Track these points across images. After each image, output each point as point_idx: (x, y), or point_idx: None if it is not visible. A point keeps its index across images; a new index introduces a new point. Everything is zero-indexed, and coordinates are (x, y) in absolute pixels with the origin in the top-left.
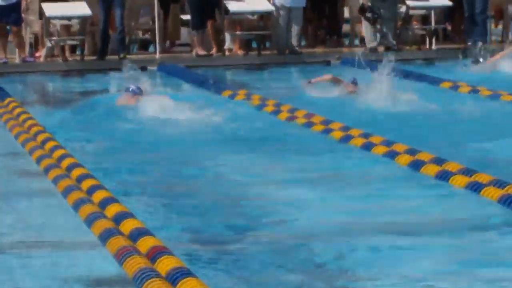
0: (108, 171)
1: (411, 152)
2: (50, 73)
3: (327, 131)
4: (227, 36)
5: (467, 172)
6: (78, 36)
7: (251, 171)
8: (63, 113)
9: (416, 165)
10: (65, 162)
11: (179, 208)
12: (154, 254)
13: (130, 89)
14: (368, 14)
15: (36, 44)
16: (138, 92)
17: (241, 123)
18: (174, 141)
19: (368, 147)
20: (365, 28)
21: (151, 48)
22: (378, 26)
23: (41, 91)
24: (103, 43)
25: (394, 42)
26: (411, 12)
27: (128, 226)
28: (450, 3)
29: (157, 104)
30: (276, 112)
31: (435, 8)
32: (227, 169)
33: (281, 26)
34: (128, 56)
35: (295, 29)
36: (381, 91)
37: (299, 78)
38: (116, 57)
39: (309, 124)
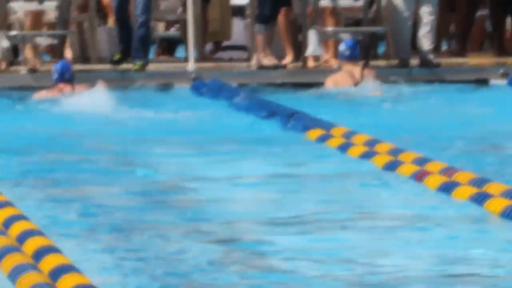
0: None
1: None
2: (4, 91)
3: None
4: (312, 36)
5: None
6: (55, 31)
7: None
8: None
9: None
10: None
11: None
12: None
13: (55, 77)
14: None
15: None
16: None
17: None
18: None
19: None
20: None
21: (179, 52)
22: None
23: None
24: (123, 36)
25: None
26: None
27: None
28: None
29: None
30: (392, 165)
31: None
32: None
33: (404, 18)
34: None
35: (427, 23)
36: None
37: (437, 107)
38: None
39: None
